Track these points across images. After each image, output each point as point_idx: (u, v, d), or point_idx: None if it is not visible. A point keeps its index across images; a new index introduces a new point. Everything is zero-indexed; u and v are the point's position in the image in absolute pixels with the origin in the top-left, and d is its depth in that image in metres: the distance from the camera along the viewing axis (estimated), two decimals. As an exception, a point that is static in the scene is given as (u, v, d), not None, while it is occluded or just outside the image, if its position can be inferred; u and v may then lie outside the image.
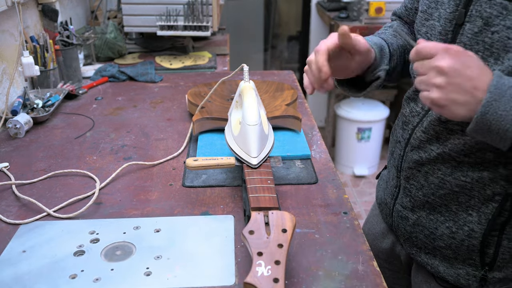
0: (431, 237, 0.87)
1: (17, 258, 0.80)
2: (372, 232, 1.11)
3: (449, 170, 0.82)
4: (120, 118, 1.37)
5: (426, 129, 0.83)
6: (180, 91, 1.58)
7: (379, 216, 1.09)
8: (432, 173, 0.84)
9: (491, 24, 0.72)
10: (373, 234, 1.11)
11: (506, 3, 0.70)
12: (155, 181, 1.04)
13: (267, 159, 0.96)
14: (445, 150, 0.80)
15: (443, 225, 0.85)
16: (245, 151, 0.94)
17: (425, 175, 0.86)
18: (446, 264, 0.87)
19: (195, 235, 0.86)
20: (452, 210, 0.83)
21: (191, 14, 1.77)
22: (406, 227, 0.92)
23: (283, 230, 0.71)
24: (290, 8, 3.97)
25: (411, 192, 0.89)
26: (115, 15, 2.10)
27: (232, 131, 1.01)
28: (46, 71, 1.50)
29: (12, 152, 1.17)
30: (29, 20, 1.58)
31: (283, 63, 4.10)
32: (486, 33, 0.73)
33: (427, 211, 0.87)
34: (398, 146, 0.93)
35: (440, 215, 0.85)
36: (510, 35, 0.70)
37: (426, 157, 0.84)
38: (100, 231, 0.87)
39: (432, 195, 0.85)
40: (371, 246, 0.92)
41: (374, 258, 0.79)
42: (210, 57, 1.94)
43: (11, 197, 0.98)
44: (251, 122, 0.96)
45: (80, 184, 1.03)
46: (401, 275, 1.07)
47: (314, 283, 0.74)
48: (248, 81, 1.07)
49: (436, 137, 0.81)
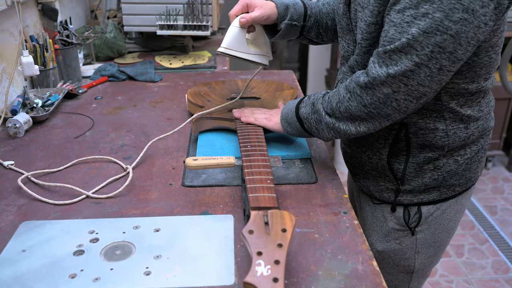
0: (361, 164, 1.10)
1: (17, 257, 0.80)
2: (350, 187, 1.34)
3: None
4: (119, 117, 1.37)
5: (343, 81, 1.06)
6: (180, 91, 1.58)
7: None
8: None
9: (357, 3, 0.95)
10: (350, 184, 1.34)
11: None
12: (154, 180, 1.04)
13: (265, 151, 0.98)
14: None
15: (365, 153, 1.07)
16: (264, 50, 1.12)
17: None
18: (374, 183, 1.09)
19: (194, 234, 0.85)
20: (370, 141, 1.05)
21: (191, 14, 1.77)
22: (348, 159, 1.15)
23: (282, 229, 0.71)
24: (290, 8, 3.96)
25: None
26: (114, 14, 2.10)
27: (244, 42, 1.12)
28: (45, 70, 1.50)
29: (12, 152, 1.17)
30: (29, 20, 1.58)
31: (282, 63, 4.10)
32: (358, 11, 0.95)
33: (356, 145, 1.09)
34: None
35: (363, 146, 1.08)
36: (359, 9, 0.94)
37: None
38: (100, 230, 0.87)
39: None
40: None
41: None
42: (210, 56, 1.94)
43: (19, 191, 0.99)
44: (234, 23, 1.10)
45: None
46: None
47: (314, 283, 0.74)
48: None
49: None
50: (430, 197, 1.05)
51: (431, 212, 1.07)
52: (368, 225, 1.16)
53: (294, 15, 1.12)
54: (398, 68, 0.84)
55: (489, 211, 2.68)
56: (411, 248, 1.11)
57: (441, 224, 1.10)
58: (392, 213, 1.09)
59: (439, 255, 1.16)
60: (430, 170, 1.02)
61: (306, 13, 1.14)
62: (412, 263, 1.13)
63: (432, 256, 1.14)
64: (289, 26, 1.13)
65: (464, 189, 1.08)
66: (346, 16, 1.02)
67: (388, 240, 1.12)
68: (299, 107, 1.02)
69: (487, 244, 2.42)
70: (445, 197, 1.06)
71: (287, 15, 1.12)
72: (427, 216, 1.07)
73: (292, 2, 1.13)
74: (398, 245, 1.12)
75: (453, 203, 1.08)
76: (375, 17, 0.90)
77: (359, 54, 0.97)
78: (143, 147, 1.15)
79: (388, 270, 1.16)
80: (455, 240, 2.44)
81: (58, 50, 1.57)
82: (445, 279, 2.19)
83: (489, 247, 2.40)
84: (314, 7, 1.17)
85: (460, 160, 1.02)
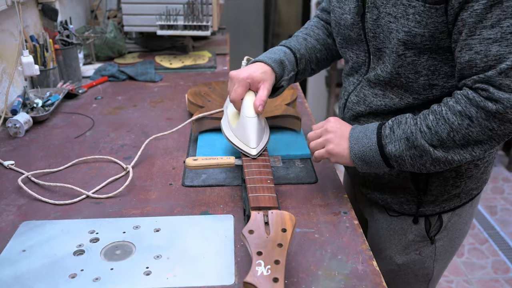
0: (377, 177, 1.05)
1: (17, 257, 0.80)
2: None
3: (379, 119, 1.00)
4: (120, 117, 1.37)
5: (358, 93, 1.03)
6: (180, 91, 1.58)
7: (347, 181, 1.29)
8: (366, 123, 1.01)
9: (382, 11, 0.89)
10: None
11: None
12: (154, 180, 1.04)
13: (265, 151, 0.98)
14: (371, 111, 1.00)
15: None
16: (244, 142, 0.97)
17: (362, 124, 1.00)
18: (392, 195, 1.05)
19: (194, 234, 0.86)
20: None
21: (191, 14, 1.77)
22: (360, 173, 1.08)
23: (282, 229, 0.71)
24: (290, 8, 3.96)
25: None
26: (115, 14, 2.10)
27: (229, 124, 1.03)
28: (45, 70, 1.50)
29: (12, 152, 1.17)
30: (29, 20, 1.58)
31: (283, 63, 4.10)
32: (380, 19, 0.90)
33: None
34: (339, 109, 1.14)
35: None
36: (391, 19, 0.88)
37: (359, 114, 1.03)
38: (100, 230, 0.87)
39: None
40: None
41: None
42: (210, 56, 1.94)
43: (19, 191, 0.99)
44: (250, 114, 0.98)
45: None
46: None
47: (314, 283, 0.74)
48: None
49: (363, 99, 1.01)
50: (451, 204, 1.03)
51: (450, 219, 1.05)
52: (384, 237, 1.11)
53: (289, 66, 1.06)
54: None
55: (489, 211, 2.68)
56: (430, 257, 1.09)
57: (458, 229, 1.08)
58: (412, 224, 1.06)
59: (451, 259, 1.15)
60: (453, 177, 0.99)
61: (296, 58, 1.09)
62: (430, 271, 1.11)
63: (447, 261, 1.13)
64: (287, 81, 1.07)
65: (479, 192, 1.07)
66: (357, 27, 0.96)
67: (407, 253, 1.09)
68: (383, 145, 0.88)
69: (487, 244, 2.42)
70: (464, 202, 1.04)
71: (285, 72, 1.05)
72: (446, 224, 1.06)
73: (282, 55, 1.06)
74: (418, 256, 1.09)
75: (468, 207, 1.07)
76: (423, 27, 0.84)
77: (386, 65, 0.92)
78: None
79: (406, 280, 1.13)
80: (455, 240, 2.44)
81: (58, 50, 1.57)
82: (445, 279, 2.19)
83: (489, 247, 2.40)
84: (300, 48, 1.11)
85: (480, 164, 1.00)
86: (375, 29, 0.92)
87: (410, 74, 0.90)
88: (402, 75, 0.91)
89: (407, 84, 0.92)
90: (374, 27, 0.92)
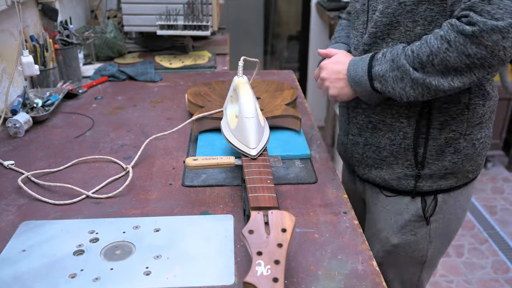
0: (378, 150, 1.08)
1: (17, 257, 0.80)
2: (347, 187, 1.27)
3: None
4: (119, 117, 1.37)
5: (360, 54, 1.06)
6: (180, 91, 1.58)
7: (346, 171, 1.32)
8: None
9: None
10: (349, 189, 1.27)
11: None
12: (154, 180, 1.04)
13: (265, 151, 0.98)
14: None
15: (384, 137, 1.06)
16: (244, 143, 0.98)
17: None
18: (390, 171, 1.08)
19: (194, 234, 0.86)
20: (388, 123, 1.05)
21: (191, 14, 1.77)
22: (358, 150, 1.13)
23: (282, 229, 0.71)
24: (290, 8, 3.97)
25: (356, 118, 1.11)
26: (115, 14, 2.10)
27: (229, 125, 1.05)
28: (45, 70, 1.50)
29: (12, 152, 1.17)
30: (29, 20, 1.58)
31: (283, 63, 4.10)
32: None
33: (370, 130, 1.08)
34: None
35: (380, 130, 1.06)
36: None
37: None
38: (100, 230, 0.87)
39: (373, 114, 1.07)
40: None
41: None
42: (210, 56, 1.94)
43: (19, 191, 0.99)
44: (249, 114, 1.00)
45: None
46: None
47: (314, 283, 0.74)
48: (241, 75, 1.13)
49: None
50: (447, 183, 1.06)
51: (445, 200, 1.09)
52: (379, 220, 1.15)
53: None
54: (506, 12, 0.80)
55: (489, 211, 2.68)
56: (425, 238, 1.12)
57: (453, 213, 1.11)
58: (409, 204, 1.09)
59: (447, 246, 1.19)
60: (451, 153, 1.03)
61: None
62: (425, 253, 1.15)
63: (442, 246, 1.16)
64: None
65: (474, 176, 1.11)
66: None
67: (403, 233, 1.12)
68: (372, 65, 0.97)
69: (487, 244, 2.42)
70: (460, 184, 1.08)
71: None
72: (441, 205, 1.08)
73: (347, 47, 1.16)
74: (413, 236, 1.12)
75: (464, 191, 1.11)
76: None
77: (385, 12, 0.97)
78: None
79: (401, 262, 1.16)
80: (455, 240, 2.44)
81: (58, 50, 1.57)
82: (445, 279, 2.19)
83: (489, 247, 2.40)
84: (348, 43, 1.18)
85: (476, 144, 1.04)
86: (383, 18, 0.97)
87: (408, 22, 0.96)
88: (401, 24, 0.96)
89: (405, 33, 0.97)
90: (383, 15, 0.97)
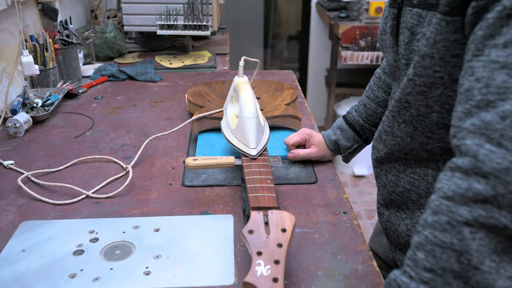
0: (396, 234, 0.91)
1: (17, 257, 0.80)
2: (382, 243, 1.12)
3: (401, 167, 0.87)
4: (119, 117, 1.37)
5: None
6: (180, 91, 1.58)
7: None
8: (390, 170, 0.90)
9: (415, 33, 0.76)
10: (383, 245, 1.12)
11: (421, 11, 0.74)
12: (154, 180, 1.04)
13: (265, 151, 0.98)
14: (388, 150, 0.87)
15: (403, 222, 0.89)
16: (244, 143, 0.98)
17: (385, 173, 0.91)
18: None
19: (194, 234, 0.85)
20: (410, 208, 0.87)
21: (191, 14, 1.77)
22: (382, 223, 0.96)
23: (282, 229, 0.71)
24: (290, 8, 3.97)
25: (379, 189, 0.95)
26: (115, 14, 2.10)
27: (229, 125, 1.05)
28: (45, 70, 1.50)
29: (12, 151, 1.17)
30: (29, 19, 1.58)
31: (283, 63, 4.10)
32: (413, 42, 0.77)
33: (395, 208, 0.91)
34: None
35: (403, 212, 0.89)
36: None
37: (381, 156, 0.90)
38: (100, 230, 0.87)
39: (393, 193, 0.90)
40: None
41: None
42: (210, 56, 1.94)
43: (19, 191, 0.99)
44: (249, 114, 1.00)
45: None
46: None
47: (314, 283, 0.74)
48: (242, 75, 1.14)
49: (380, 138, 0.89)
50: None
51: None
52: None
53: (346, 143, 1.11)
54: None
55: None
56: None
57: None
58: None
59: None
60: None
61: (355, 131, 1.11)
62: None
63: None
64: (351, 153, 1.13)
65: None
66: (393, 51, 0.84)
67: None
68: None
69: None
70: None
71: (341, 149, 1.12)
72: None
73: (338, 133, 1.12)
74: None
75: None
76: (431, 47, 0.70)
77: (396, 91, 0.86)
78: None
79: None
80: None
81: (58, 49, 1.57)
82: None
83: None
84: (359, 120, 1.10)
85: None
86: (408, 54, 0.78)
87: (420, 106, 0.77)
88: (412, 105, 0.78)
89: (418, 117, 0.78)
90: (406, 52, 0.78)
